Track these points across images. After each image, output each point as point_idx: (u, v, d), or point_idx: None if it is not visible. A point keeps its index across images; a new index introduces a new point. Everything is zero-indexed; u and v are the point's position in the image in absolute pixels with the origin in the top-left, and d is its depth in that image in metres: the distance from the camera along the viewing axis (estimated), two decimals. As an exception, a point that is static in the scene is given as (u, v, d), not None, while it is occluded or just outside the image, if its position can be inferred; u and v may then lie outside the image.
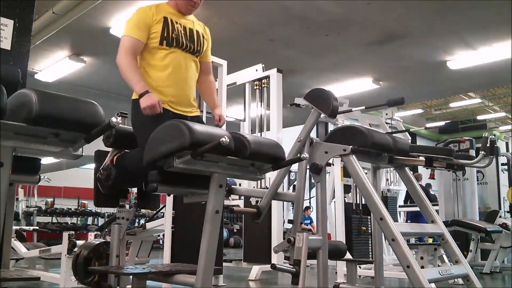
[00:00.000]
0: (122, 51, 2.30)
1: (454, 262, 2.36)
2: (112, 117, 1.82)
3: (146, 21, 2.35)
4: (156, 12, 2.39)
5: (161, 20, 2.38)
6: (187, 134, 1.75)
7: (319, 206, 2.34)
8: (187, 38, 2.46)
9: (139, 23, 2.35)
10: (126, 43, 2.32)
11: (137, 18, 2.37)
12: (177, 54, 2.42)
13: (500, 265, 5.86)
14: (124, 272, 2.18)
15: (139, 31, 2.33)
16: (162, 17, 2.39)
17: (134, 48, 2.32)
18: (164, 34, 2.37)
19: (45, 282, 3.83)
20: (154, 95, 2.22)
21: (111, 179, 2.38)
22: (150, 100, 2.18)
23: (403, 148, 2.54)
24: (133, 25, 2.36)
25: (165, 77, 2.38)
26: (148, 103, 2.17)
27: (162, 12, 2.42)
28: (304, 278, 2.00)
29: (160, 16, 2.39)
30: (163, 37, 2.37)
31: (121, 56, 2.29)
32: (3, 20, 2.64)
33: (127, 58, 2.28)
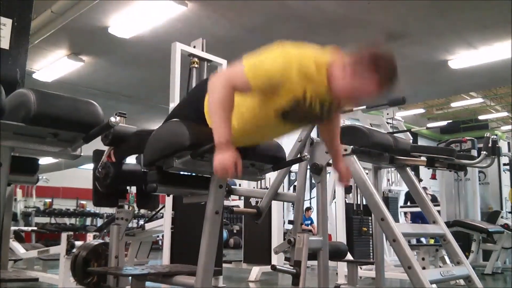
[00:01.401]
0: (227, 83, 1.64)
1: (455, 263, 2.35)
2: (111, 117, 1.80)
3: (280, 83, 1.60)
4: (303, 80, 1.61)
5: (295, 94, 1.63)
6: (187, 134, 1.73)
7: (319, 207, 2.33)
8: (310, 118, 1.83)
9: (271, 77, 1.60)
10: (238, 80, 1.63)
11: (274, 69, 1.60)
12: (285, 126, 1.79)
13: (501, 266, 5.85)
14: (123, 273, 2.16)
15: (260, 84, 1.62)
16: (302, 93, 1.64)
17: (241, 90, 1.65)
18: (286, 110, 1.68)
19: (44, 283, 3.82)
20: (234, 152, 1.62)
21: (110, 177, 2.36)
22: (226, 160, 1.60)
23: (404, 148, 2.53)
24: (262, 71, 1.61)
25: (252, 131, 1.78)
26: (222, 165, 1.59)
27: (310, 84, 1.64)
28: (304, 279, 1.99)
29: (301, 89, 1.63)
30: (284, 112, 1.68)
31: (222, 87, 1.63)
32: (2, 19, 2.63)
33: (226, 94, 1.63)
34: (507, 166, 7.57)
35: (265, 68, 1.61)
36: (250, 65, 1.64)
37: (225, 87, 1.63)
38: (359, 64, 1.59)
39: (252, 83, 1.61)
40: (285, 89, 1.61)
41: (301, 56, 1.63)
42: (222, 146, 1.60)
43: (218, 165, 1.60)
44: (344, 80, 1.61)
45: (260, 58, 1.65)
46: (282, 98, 1.64)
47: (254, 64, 1.64)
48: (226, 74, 1.73)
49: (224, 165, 1.59)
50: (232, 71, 1.71)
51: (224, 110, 1.63)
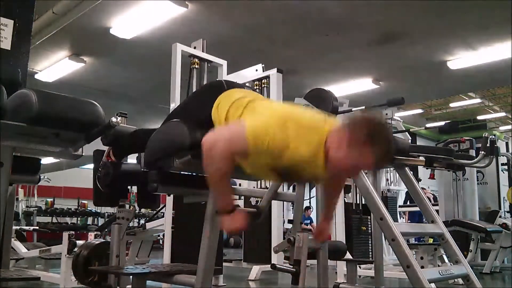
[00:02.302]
0: (227, 150, 1.59)
1: (454, 262, 2.37)
2: (112, 117, 1.82)
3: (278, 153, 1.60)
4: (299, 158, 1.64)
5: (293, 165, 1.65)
6: (187, 134, 1.75)
7: (319, 206, 2.34)
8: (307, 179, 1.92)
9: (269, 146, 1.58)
10: (238, 146, 1.60)
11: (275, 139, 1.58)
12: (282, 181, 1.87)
13: (500, 265, 5.86)
14: (124, 272, 2.18)
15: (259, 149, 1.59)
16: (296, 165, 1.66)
17: (239, 154, 1.63)
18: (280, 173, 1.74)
19: (45, 282, 3.83)
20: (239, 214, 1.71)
21: (110, 177, 2.37)
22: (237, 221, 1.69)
23: (403, 148, 2.54)
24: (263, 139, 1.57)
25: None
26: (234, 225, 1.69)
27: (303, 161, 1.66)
28: (304, 278, 2.00)
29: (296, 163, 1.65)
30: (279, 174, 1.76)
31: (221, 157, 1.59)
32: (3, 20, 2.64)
33: (226, 163, 1.60)
34: (505, 166, 7.59)
35: (266, 139, 1.57)
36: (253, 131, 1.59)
37: (226, 157, 1.59)
38: (355, 136, 1.59)
39: (251, 149, 1.59)
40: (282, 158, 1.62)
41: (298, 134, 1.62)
42: (227, 212, 1.69)
43: (229, 228, 1.71)
44: (339, 153, 1.61)
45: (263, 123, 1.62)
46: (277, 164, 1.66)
47: (257, 131, 1.59)
48: (226, 139, 1.61)
49: (234, 226, 1.70)
50: (234, 135, 1.62)
51: (225, 179, 1.66)
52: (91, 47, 7.84)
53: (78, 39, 7.56)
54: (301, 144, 1.61)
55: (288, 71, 7.00)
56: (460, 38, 7.40)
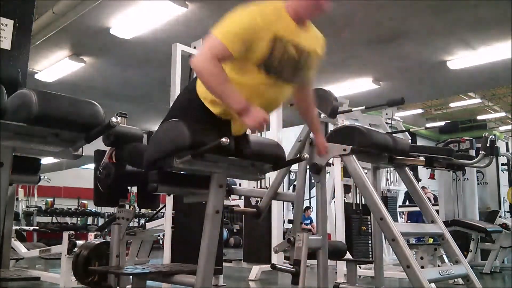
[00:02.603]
0: (208, 55, 1.72)
1: (454, 262, 2.36)
2: (112, 117, 1.82)
3: (252, 35, 1.75)
4: (268, 24, 1.78)
5: (271, 39, 1.78)
6: (187, 134, 1.75)
7: (319, 206, 2.35)
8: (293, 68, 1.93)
9: (243, 34, 1.74)
10: (216, 49, 1.73)
11: (243, 26, 1.76)
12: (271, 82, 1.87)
13: (500, 265, 5.86)
14: (124, 272, 2.18)
15: (237, 43, 1.74)
16: (273, 36, 1.79)
17: (223, 58, 1.75)
18: (266, 60, 1.81)
19: (45, 282, 3.83)
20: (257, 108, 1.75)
21: (111, 177, 2.37)
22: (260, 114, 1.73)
23: (403, 148, 2.54)
24: (234, 31, 1.75)
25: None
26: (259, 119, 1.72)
27: (276, 25, 1.80)
28: (304, 278, 2.01)
29: (271, 34, 1.78)
30: (265, 63, 1.81)
31: (207, 62, 1.72)
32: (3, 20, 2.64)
33: (215, 65, 1.72)
34: (505, 166, 7.59)
35: (235, 30, 1.75)
36: (223, 33, 1.75)
37: (211, 60, 1.71)
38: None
39: (231, 49, 1.72)
40: (258, 40, 1.76)
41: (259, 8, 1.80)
42: (244, 108, 1.72)
43: (253, 124, 1.72)
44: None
45: (227, 24, 1.78)
46: (258, 49, 1.77)
47: (226, 31, 1.76)
48: (205, 49, 1.76)
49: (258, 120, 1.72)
50: (208, 45, 1.75)
51: (224, 81, 1.73)
52: (91, 47, 7.84)
53: (78, 39, 7.56)
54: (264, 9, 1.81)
55: (288, 71, 6.98)
56: (460, 38, 7.39)
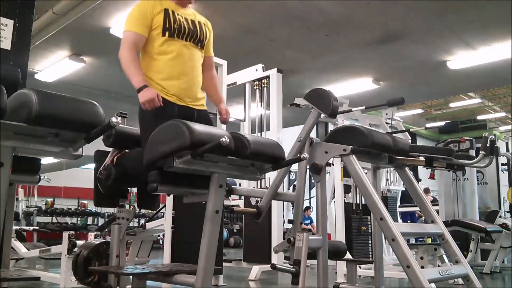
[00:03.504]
0: (124, 46, 2.27)
1: (454, 262, 2.36)
2: (112, 117, 1.82)
3: (147, 14, 2.32)
4: (155, 4, 2.36)
5: (161, 11, 2.35)
6: (187, 134, 1.75)
7: (319, 206, 2.34)
8: (190, 28, 2.43)
9: (140, 17, 2.32)
10: (127, 38, 2.30)
11: (138, 12, 2.34)
12: (181, 45, 2.38)
13: (500, 265, 5.86)
14: (124, 272, 2.18)
15: (140, 26, 2.31)
16: (162, 9, 2.35)
17: (136, 42, 2.31)
18: (166, 25, 2.34)
19: (45, 282, 3.84)
20: (152, 89, 2.22)
21: (111, 179, 2.37)
22: (148, 94, 2.17)
23: (403, 148, 2.54)
24: (134, 19, 2.33)
25: (170, 68, 2.35)
26: (147, 98, 2.17)
27: (162, 4, 2.38)
28: (304, 278, 2.01)
29: (160, 8, 2.35)
30: (165, 28, 2.34)
31: (123, 51, 2.26)
32: (3, 20, 2.64)
33: (129, 52, 2.26)
34: (505, 166, 7.59)
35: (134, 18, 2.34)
36: (127, 25, 2.34)
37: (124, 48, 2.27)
38: None
39: (137, 31, 2.31)
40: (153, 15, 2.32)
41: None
42: (141, 88, 2.20)
43: (145, 100, 2.19)
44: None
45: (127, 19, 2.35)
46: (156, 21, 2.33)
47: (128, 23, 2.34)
48: (122, 41, 2.30)
49: (148, 98, 2.18)
50: (123, 39, 2.31)
51: (132, 62, 2.25)
52: (91, 47, 7.85)
53: (78, 39, 7.57)
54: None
55: (288, 71, 7.01)
56: (460, 38, 7.40)
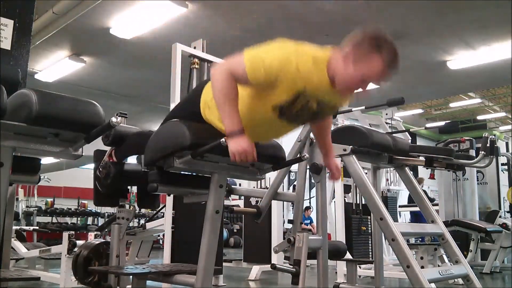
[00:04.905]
0: (228, 71, 1.65)
1: (454, 262, 2.37)
2: (112, 117, 1.82)
3: (279, 76, 1.61)
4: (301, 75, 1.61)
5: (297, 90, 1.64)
6: (187, 134, 1.75)
7: (319, 206, 2.34)
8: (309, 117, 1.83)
9: (270, 70, 1.60)
10: (237, 69, 1.64)
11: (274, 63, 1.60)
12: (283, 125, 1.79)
13: (500, 265, 5.86)
14: (124, 272, 2.18)
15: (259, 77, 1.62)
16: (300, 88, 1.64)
17: (238, 80, 1.66)
18: (283, 106, 1.68)
19: (45, 282, 3.83)
20: (248, 139, 1.65)
21: (110, 178, 2.37)
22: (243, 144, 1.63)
23: (403, 148, 2.55)
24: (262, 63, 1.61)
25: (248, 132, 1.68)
26: (239, 148, 1.62)
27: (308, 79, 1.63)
28: (304, 278, 2.01)
29: (299, 85, 1.63)
30: (279, 108, 1.69)
31: (224, 76, 1.64)
32: (3, 20, 2.64)
33: (230, 82, 1.64)
34: (505, 166, 7.59)
35: (263, 62, 1.61)
36: (250, 57, 1.64)
37: (227, 77, 1.64)
38: (359, 49, 1.61)
39: (249, 76, 1.62)
40: (283, 84, 1.62)
41: (300, 53, 1.64)
42: (235, 134, 1.63)
43: (236, 151, 1.62)
44: (347, 70, 1.63)
45: (260, 51, 1.66)
46: (279, 93, 1.65)
47: (254, 56, 1.64)
48: (226, 64, 1.69)
49: (243, 150, 1.62)
50: (232, 61, 1.68)
51: (230, 99, 1.64)
52: (91, 47, 7.84)
53: (78, 39, 7.56)
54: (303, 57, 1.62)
55: (288, 71, 6.99)
56: (460, 38, 7.39)
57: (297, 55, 1.62)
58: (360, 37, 1.64)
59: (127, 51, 7.80)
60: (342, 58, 1.63)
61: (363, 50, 1.61)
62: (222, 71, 1.66)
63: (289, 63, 1.60)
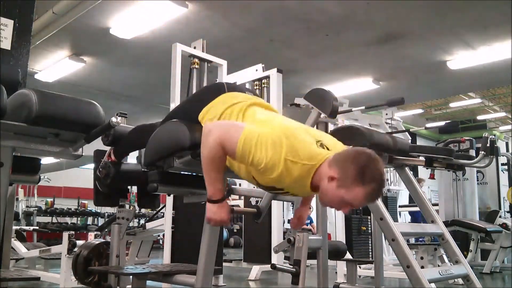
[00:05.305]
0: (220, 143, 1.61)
1: (454, 262, 2.37)
2: (112, 117, 1.82)
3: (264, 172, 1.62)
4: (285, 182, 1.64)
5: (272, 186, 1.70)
6: (187, 134, 1.75)
7: (319, 206, 2.34)
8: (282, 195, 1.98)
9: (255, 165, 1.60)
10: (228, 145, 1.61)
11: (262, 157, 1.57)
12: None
13: (500, 265, 5.86)
14: (124, 272, 2.18)
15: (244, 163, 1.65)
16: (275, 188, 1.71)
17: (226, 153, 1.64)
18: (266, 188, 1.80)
19: (45, 282, 3.84)
20: (226, 208, 1.70)
21: (110, 177, 2.37)
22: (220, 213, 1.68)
23: (403, 148, 2.55)
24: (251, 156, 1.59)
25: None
26: (216, 217, 1.68)
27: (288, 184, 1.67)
28: (304, 278, 2.00)
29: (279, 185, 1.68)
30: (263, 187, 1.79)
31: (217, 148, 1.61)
32: (3, 20, 2.64)
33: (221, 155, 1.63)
34: (505, 166, 7.59)
35: (253, 154, 1.58)
36: (244, 142, 1.59)
37: (218, 148, 1.61)
38: (345, 176, 1.57)
39: (237, 158, 1.62)
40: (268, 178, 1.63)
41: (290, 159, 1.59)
42: (215, 201, 1.67)
43: (213, 218, 1.68)
44: (329, 190, 1.60)
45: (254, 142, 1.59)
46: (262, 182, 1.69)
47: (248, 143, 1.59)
48: (222, 134, 1.63)
49: (219, 219, 1.68)
50: (228, 135, 1.62)
51: (217, 168, 1.65)
52: (91, 47, 7.84)
53: (78, 39, 7.56)
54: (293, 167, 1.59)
55: (288, 71, 7.00)
56: (460, 38, 7.40)
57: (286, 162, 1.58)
58: (350, 165, 1.59)
59: (127, 51, 7.81)
60: (327, 176, 1.60)
61: (348, 179, 1.57)
62: (215, 140, 1.61)
63: (275, 169, 1.58)
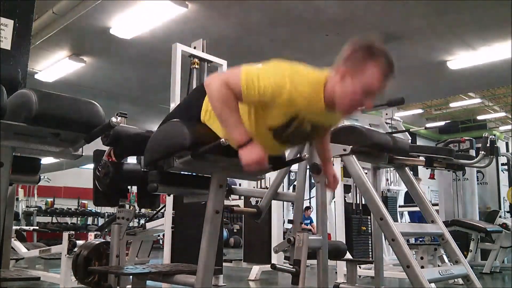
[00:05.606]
0: (225, 84, 1.58)
1: (454, 262, 2.37)
2: (112, 117, 1.82)
3: (273, 99, 1.58)
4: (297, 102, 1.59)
5: (291, 115, 1.63)
6: (188, 134, 1.75)
7: (319, 206, 2.34)
8: (303, 138, 1.87)
9: (264, 92, 1.56)
10: (232, 85, 1.57)
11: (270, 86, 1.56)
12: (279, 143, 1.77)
13: (500, 265, 5.86)
14: (124, 272, 2.18)
15: (252, 96, 1.58)
16: (295, 114, 1.63)
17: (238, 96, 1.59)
18: (277, 129, 1.68)
19: (45, 282, 3.83)
20: (259, 147, 1.59)
21: (109, 177, 2.37)
22: (255, 153, 1.57)
23: (403, 148, 2.55)
24: (257, 83, 1.56)
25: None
26: (254, 158, 1.57)
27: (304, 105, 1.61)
28: (304, 278, 2.00)
29: (294, 110, 1.61)
30: (273, 131, 1.69)
31: (223, 88, 1.58)
32: (3, 20, 2.64)
33: (228, 93, 1.57)
34: (505, 166, 7.60)
35: (258, 84, 1.56)
36: (246, 75, 1.58)
37: (224, 88, 1.58)
38: (353, 62, 1.58)
39: (243, 93, 1.58)
40: (277, 109, 1.59)
41: (295, 78, 1.59)
42: (245, 144, 1.58)
43: (251, 162, 1.58)
44: (346, 87, 1.58)
45: (256, 72, 1.60)
46: (273, 116, 1.63)
47: (251, 75, 1.58)
48: (223, 77, 1.63)
49: (257, 160, 1.57)
50: (229, 75, 1.63)
51: (231, 110, 1.59)
52: (91, 47, 7.85)
53: (78, 39, 7.56)
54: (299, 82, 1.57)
55: (288, 71, 6.99)
56: (460, 38, 7.39)
57: (292, 80, 1.58)
58: (351, 50, 1.61)
59: (127, 51, 7.81)
60: (339, 77, 1.59)
61: (357, 62, 1.57)
62: (218, 81, 1.59)
63: (283, 90, 1.55)
